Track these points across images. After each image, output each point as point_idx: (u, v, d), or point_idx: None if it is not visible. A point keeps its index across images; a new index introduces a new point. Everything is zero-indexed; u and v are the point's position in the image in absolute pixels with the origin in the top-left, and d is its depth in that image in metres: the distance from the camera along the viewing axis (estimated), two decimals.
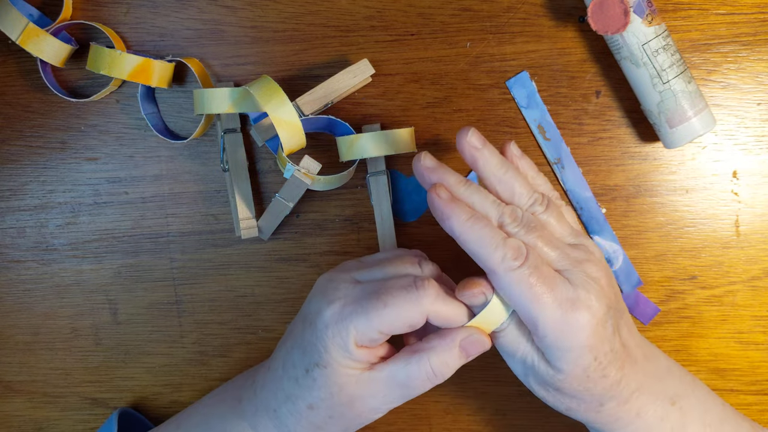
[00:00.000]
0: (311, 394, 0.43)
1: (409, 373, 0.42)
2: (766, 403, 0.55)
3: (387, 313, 0.41)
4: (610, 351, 0.42)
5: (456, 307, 0.42)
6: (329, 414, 0.43)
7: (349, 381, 0.42)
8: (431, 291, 0.41)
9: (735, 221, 0.54)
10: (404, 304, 0.41)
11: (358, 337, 0.41)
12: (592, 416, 0.44)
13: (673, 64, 0.49)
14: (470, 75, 0.54)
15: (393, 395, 0.43)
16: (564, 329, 0.40)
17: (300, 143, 0.52)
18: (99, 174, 0.57)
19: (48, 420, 0.59)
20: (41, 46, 0.53)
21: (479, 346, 0.42)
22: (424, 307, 0.41)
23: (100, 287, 0.58)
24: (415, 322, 0.41)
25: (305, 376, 0.43)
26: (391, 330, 0.41)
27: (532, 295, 0.40)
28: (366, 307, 0.41)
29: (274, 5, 0.55)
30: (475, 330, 0.42)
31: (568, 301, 0.40)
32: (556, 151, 0.54)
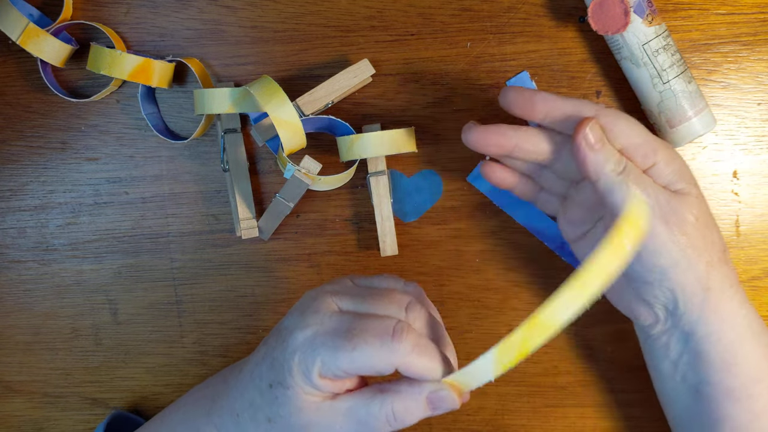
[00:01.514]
0: (271, 408, 0.42)
1: (369, 411, 0.41)
2: None
3: (354, 356, 0.39)
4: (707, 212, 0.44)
5: (430, 361, 0.40)
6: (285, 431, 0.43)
7: (310, 407, 0.41)
8: (405, 345, 0.39)
9: (735, 221, 0.54)
10: (374, 352, 0.39)
11: (322, 370, 0.40)
12: (726, 269, 0.44)
13: (673, 64, 0.49)
14: (470, 75, 0.54)
15: (350, 430, 0.41)
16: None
17: (300, 143, 0.52)
18: (99, 174, 0.57)
19: (48, 420, 0.59)
20: (41, 46, 0.53)
21: (447, 404, 0.40)
22: (393, 360, 0.39)
23: (101, 287, 0.58)
24: (382, 371, 0.40)
25: (268, 390, 0.42)
26: (357, 373, 0.40)
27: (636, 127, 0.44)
28: (336, 344, 0.40)
29: (274, 5, 0.55)
30: (447, 386, 0.40)
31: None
32: None
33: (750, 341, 0.44)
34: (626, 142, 0.43)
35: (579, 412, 0.56)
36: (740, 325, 0.44)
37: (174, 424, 0.50)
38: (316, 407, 0.41)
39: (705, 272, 0.43)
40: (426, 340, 0.40)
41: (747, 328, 0.44)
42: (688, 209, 0.43)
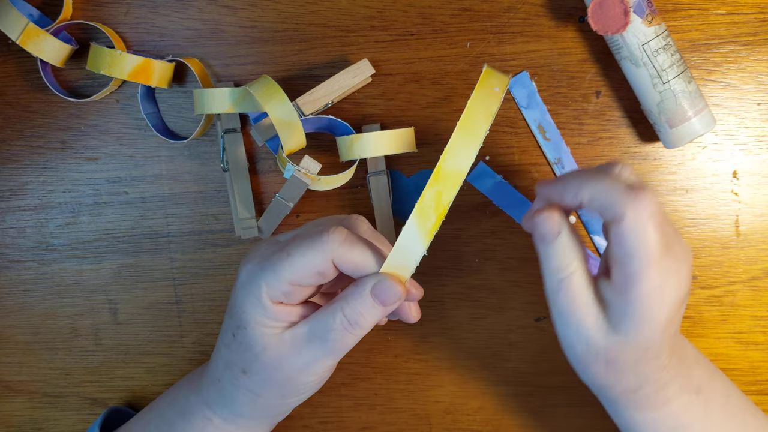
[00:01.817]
0: (241, 357, 0.43)
1: (325, 325, 0.41)
2: (766, 403, 0.55)
3: (292, 261, 0.40)
4: (673, 335, 0.41)
5: (364, 252, 0.40)
6: (262, 378, 0.43)
7: (271, 341, 0.41)
8: (336, 236, 0.40)
9: (735, 221, 0.54)
10: (307, 251, 0.39)
11: (270, 293, 0.40)
12: (624, 397, 0.44)
13: (673, 64, 0.49)
14: (470, 75, 0.54)
15: (316, 352, 0.41)
16: (657, 299, 0.39)
17: (300, 143, 0.52)
18: (99, 174, 0.57)
19: (48, 420, 0.59)
20: (41, 46, 0.53)
21: (392, 294, 0.40)
22: (327, 252, 0.39)
23: (100, 287, 0.58)
24: (322, 269, 0.40)
25: (233, 340, 0.43)
26: (300, 279, 0.40)
27: (651, 253, 0.38)
28: (272, 260, 0.40)
29: (274, 5, 0.55)
30: (387, 276, 0.40)
31: (670, 271, 0.39)
32: (556, 152, 0.54)
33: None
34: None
35: (579, 412, 0.56)
36: (641, 424, 0.45)
37: (163, 407, 0.50)
38: (278, 340, 0.41)
39: (597, 389, 0.44)
40: (357, 236, 0.41)
41: (650, 425, 0.45)
42: (604, 352, 0.41)
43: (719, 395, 0.46)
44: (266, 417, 0.47)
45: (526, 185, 0.55)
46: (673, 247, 0.39)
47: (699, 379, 0.45)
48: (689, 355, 0.46)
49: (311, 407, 0.58)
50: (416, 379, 0.57)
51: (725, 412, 0.46)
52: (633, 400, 0.44)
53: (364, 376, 0.57)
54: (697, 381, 0.45)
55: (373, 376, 0.57)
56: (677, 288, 0.39)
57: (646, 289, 0.38)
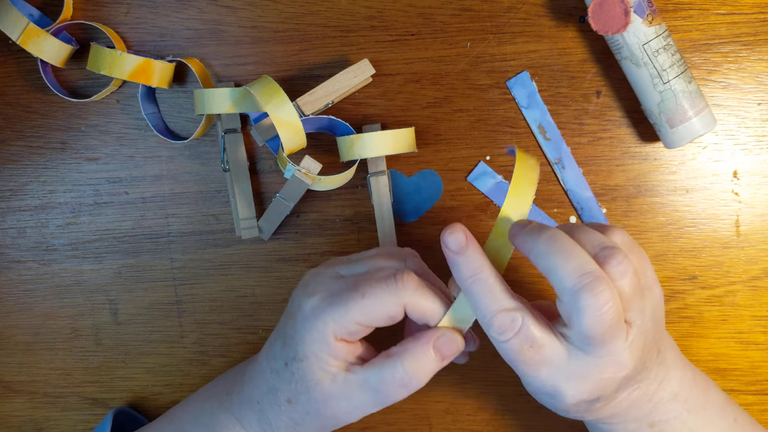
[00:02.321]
0: (289, 387, 0.43)
1: (382, 377, 0.41)
2: (766, 403, 0.55)
3: (365, 303, 0.40)
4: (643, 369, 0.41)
5: (434, 301, 0.41)
6: (306, 410, 0.43)
7: (325, 377, 0.42)
8: (410, 283, 0.40)
9: (735, 221, 0.54)
10: (382, 294, 0.40)
11: (336, 330, 0.41)
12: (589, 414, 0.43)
13: (673, 64, 0.49)
14: (471, 75, 0.54)
15: (366, 401, 0.42)
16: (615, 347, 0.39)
17: (300, 143, 0.52)
18: (99, 174, 0.57)
19: (48, 420, 0.59)
20: (42, 46, 0.53)
21: (453, 346, 0.41)
22: (401, 298, 0.40)
23: (101, 287, 0.58)
24: (394, 314, 0.41)
25: (285, 368, 0.43)
26: (370, 321, 0.41)
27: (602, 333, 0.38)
28: (344, 298, 0.41)
29: (274, 5, 0.55)
30: (448, 329, 0.41)
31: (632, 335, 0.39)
32: (557, 151, 0.54)
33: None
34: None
35: None
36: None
37: (186, 421, 0.50)
38: (332, 379, 0.42)
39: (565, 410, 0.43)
40: (426, 282, 0.42)
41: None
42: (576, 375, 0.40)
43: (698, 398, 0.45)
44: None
45: None
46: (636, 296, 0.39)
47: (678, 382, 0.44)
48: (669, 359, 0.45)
49: None
50: None
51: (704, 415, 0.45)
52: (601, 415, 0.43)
53: None
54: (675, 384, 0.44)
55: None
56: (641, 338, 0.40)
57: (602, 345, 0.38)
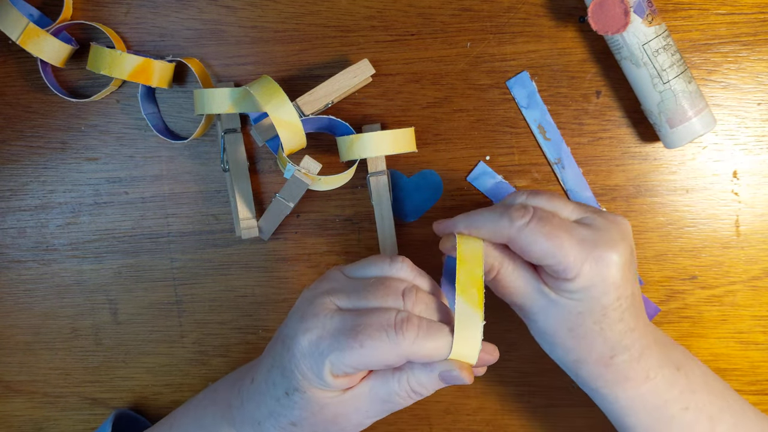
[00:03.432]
0: (293, 413, 0.43)
1: (389, 389, 0.42)
2: (766, 403, 0.55)
3: (363, 353, 0.39)
4: (630, 295, 0.43)
5: (435, 344, 0.40)
6: (313, 430, 0.43)
7: (330, 402, 0.42)
8: (410, 334, 0.39)
9: (735, 221, 0.54)
10: (381, 345, 0.39)
11: (333, 370, 0.40)
12: (602, 370, 0.44)
13: (673, 64, 0.49)
14: (470, 75, 0.54)
15: (376, 409, 0.43)
16: (594, 263, 0.41)
17: (300, 143, 0.52)
18: (99, 174, 0.57)
19: (48, 420, 0.59)
20: (41, 46, 0.53)
21: (458, 381, 0.41)
22: (401, 350, 0.39)
23: (101, 287, 0.58)
24: (392, 364, 0.40)
25: (286, 398, 0.43)
26: (368, 368, 0.41)
27: (551, 242, 0.41)
28: (342, 344, 0.40)
29: (274, 5, 0.55)
30: (457, 365, 0.41)
31: (590, 241, 0.42)
32: (557, 151, 0.54)
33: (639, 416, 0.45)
34: (542, 263, 0.42)
35: (579, 412, 0.56)
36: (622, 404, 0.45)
37: (186, 426, 0.50)
38: (338, 400, 0.42)
39: (572, 364, 0.45)
40: (428, 322, 0.40)
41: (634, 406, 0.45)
42: (565, 321, 0.43)
43: (699, 374, 0.47)
44: None
45: (526, 185, 0.55)
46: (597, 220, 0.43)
47: (678, 358, 0.46)
48: (664, 340, 0.47)
49: None
50: None
51: (708, 389, 0.46)
52: (613, 374, 0.44)
53: None
54: (677, 359, 0.46)
55: None
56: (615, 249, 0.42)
57: (578, 265, 0.41)
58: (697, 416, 0.45)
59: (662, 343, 0.46)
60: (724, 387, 0.48)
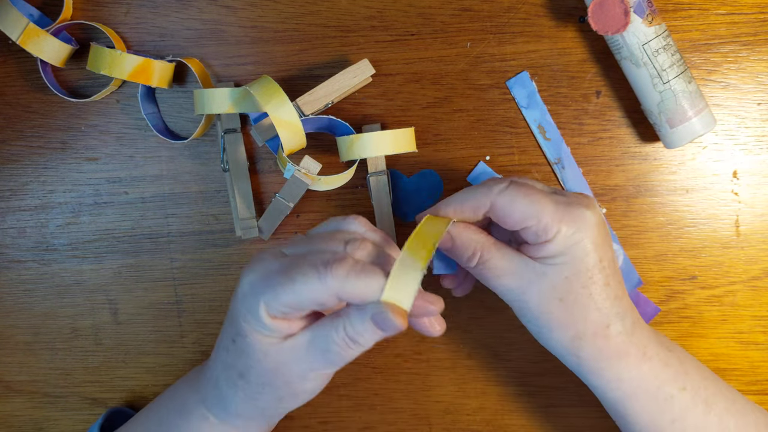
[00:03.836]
0: (240, 361, 0.43)
1: (328, 338, 0.41)
2: (766, 403, 0.55)
3: (294, 289, 0.39)
4: (611, 259, 0.44)
5: (366, 285, 0.39)
6: (259, 382, 0.43)
7: (271, 349, 0.42)
8: (340, 271, 0.39)
9: (735, 221, 0.54)
10: (311, 281, 0.39)
11: (269, 309, 0.41)
12: (601, 343, 0.44)
13: (673, 64, 0.49)
14: (470, 75, 0.54)
15: (316, 361, 0.42)
16: (571, 221, 0.42)
17: (300, 143, 0.52)
18: (99, 174, 0.57)
19: (48, 420, 0.59)
20: (41, 46, 0.53)
21: (390, 325, 0.39)
22: (330, 287, 0.39)
23: (101, 287, 0.58)
24: (323, 301, 0.40)
25: (233, 345, 0.44)
26: (300, 306, 0.40)
27: (529, 200, 0.42)
28: (275, 281, 0.40)
29: (274, 5, 0.55)
30: (388, 308, 0.39)
31: (564, 203, 0.43)
32: (557, 151, 0.54)
33: (641, 399, 0.45)
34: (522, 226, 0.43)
35: (579, 412, 0.56)
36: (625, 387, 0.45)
37: (162, 406, 0.51)
38: (278, 348, 0.42)
39: (571, 343, 0.45)
40: (363, 264, 0.40)
41: (636, 387, 0.45)
42: (554, 290, 0.44)
43: (691, 360, 0.48)
44: (262, 418, 0.47)
45: None
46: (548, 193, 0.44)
47: (664, 339, 0.47)
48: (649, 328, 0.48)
49: (311, 407, 0.58)
50: (416, 379, 0.57)
51: (699, 371, 0.47)
52: (613, 349, 0.44)
53: (364, 376, 0.57)
54: (664, 339, 0.47)
55: (373, 376, 0.57)
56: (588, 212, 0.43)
57: (555, 222, 0.42)
58: (694, 398, 0.46)
59: (652, 331, 0.47)
60: (713, 373, 0.49)
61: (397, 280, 0.40)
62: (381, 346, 0.57)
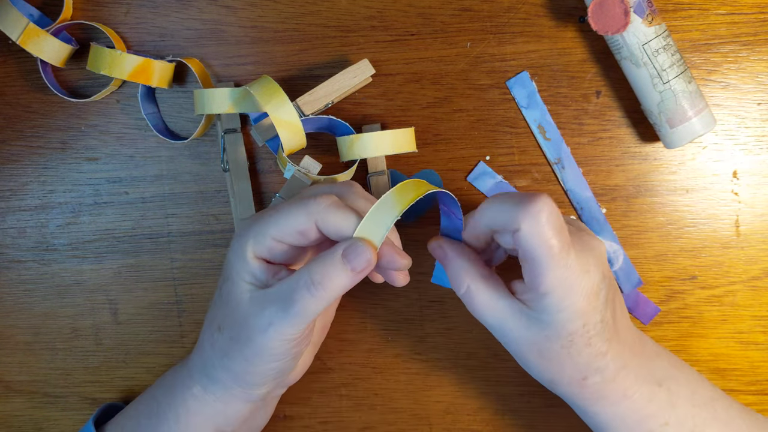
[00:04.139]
0: (220, 311, 0.45)
1: (291, 285, 0.41)
2: (766, 403, 0.55)
3: (278, 217, 0.42)
4: (600, 321, 0.43)
5: (346, 216, 0.41)
6: (230, 335, 0.44)
7: (244, 297, 0.43)
8: (322, 200, 0.41)
9: (735, 221, 0.54)
10: (295, 209, 0.42)
11: (255, 247, 0.42)
12: (576, 390, 0.45)
13: (673, 64, 0.49)
14: (470, 75, 0.54)
15: (277, 312, 0.41)
16: (565, 289, 0.41)
17: (300, 143, 0.52)
18: (99, 174, 0.57)
19: (48, 420, 0.59)
20: (41, 46, 0.53)
21: (362, 258, 0.40)
22: (312, 213, 0.41)
23: (101, 287, 0.58)
24: (304, 229, 0.41)
25: (219, 295, 0.45)
26: (282, 236, 0.42)
27: (549, 249, 0.40)
28: (263, 218, 0.43)
29: (274, 5, 0.55)
30: (359, 240, 0.40)
31: (572, 264, 0.41)
32: (557, 151, 0.54)
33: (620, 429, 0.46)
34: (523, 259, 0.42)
35: None
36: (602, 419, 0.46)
37: (153, 387, 0.52)
38: (249, 297, 0.43)
39: (548, 383, 0.46)
40: (344, 203, 0.42)
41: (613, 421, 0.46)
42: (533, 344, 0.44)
43: (684, 386, 0.47)
44: (237, 385, 0.46)
45: (526, 185, 0.55)
46: (575, 243, 0.42)
47: (662, 370, 0.46)
48: (650, 348, 0.47)
49: (311, 407, 0.58)
50: (416, 379, 0.57)
51: (692, 402, 0.46)
52: (588, 394, 0.45)
53: (364, 376, 0.57)
54: (660, 373, 0.46)
55: (373, 376, 0.57)
56: (585, 277, 0.41)
57: (551, 282, 0.41)
58: (678, 431, 0.45)
59: (646, 357, 0.46)
60: (713, 397, 0.48)
61: (371, 219, 0.41)
62: (381, 346, 0.57)
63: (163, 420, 0.49)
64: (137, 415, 0.51)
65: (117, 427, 0.52)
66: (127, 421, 0.52)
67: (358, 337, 0.57)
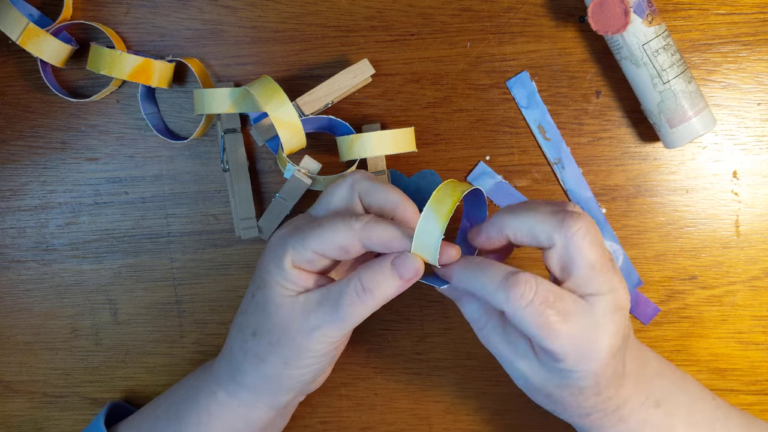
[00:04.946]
0: (255, 318, 0.45)
1: (339, 289, 0.42)
2: (766, 403, 0.55)
3: (321, 232, 0.42)
4: (612, 375, 0.42)
5: (391, 231, 0.42)
6: (269, 341, 0.44)
7: (285, 301, 0.43)
8: (366, 218, 0.42)
9: (735, 221, 0.54)
10: (339, 225, 0.42)
11: (294, 257, 0.43)
12: (576, 421, 0.45)
13: (673, 64, 0.49)
14: (470, 75, 0.54)
15: (324, 316, 0.42)
16: (578, 357, 0.40)
17: (300, 143, 0.52)
18: (99, 174, 0.57)
19: (48, 420, 0.59)
20: (41, 46, 0.53)
21: (410, 267, 0.41)
22: (355, 230, 0.41)
23: (101, 287, 0.58)
24: (346, 244, 0.42)
25: (251, 301, 0.45)
26: (324, 249, 0.42)
27: (547, 330, 0.40)
28: (303, 230, 0.43)
29: (274, 5, 0.55)
30: (409, 252, 0.42)
31: (584, 334, 0.40)
32: (557, 151, 0.54)
33: None
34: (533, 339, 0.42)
35: None
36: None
37: (174, 390, 0.52)
38: (292, 301, 0.43)
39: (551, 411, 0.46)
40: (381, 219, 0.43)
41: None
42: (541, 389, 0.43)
43: (683, 406, 0.47)
44: (267, 391, 0.46)
45: (526, 185, 0.55)
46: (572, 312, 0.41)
47: (660, 390, 0.46)
48: (651, 368, 0.47)
49: (311, 407, 0.58)
50: (416, 379, 0.57)
51: (690, 421, 0.46)
52: (588, 424, 0.45)
53: (364, 376, 0.57)
54: (658, 393, 0.46)
55: (373, 376, 0.57)
56: (606, 340, 0.41)
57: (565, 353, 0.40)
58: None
59: (646, 379, 0.46)
60: (713, 413, 0.48)
61: (422, 233, 0.41)
62: (381, 346, 0.57)
63: (183, 423, 0.49)
64: (155, 417, 0.51)
65: (131, 428, 0.52)
66: (144, 422, 0.51)
67: (358, 337, 0.57)
